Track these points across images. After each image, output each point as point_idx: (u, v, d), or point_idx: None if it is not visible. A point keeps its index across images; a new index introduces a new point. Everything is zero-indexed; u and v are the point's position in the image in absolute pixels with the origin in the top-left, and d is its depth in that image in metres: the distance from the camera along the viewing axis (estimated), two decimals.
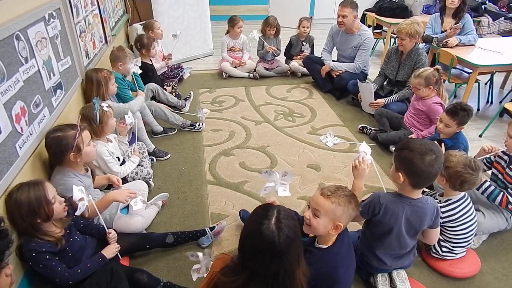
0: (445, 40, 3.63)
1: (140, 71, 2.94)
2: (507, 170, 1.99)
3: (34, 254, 1.39)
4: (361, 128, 3.22)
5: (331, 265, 1.38)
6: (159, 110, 3.03)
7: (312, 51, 4.42)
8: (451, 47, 3.58)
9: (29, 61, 1.67)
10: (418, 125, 2.82)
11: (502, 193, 1.93)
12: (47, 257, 1.41)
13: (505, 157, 2.04)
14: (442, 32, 3.87)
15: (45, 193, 1.40)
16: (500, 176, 2.03)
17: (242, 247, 1.11)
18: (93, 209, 1.66)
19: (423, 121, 2.79)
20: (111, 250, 1.65)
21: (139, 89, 2.96)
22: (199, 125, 3.15)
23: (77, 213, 1.54)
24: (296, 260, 1.09)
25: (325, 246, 1.43)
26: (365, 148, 1.74)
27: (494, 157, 2.10)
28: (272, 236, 1.03)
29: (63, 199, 1.49)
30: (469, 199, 1.85)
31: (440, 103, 2.67)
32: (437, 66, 2.67)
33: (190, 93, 3.67)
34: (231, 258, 1.19)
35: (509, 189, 1.94)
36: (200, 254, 1.54)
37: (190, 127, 3.14)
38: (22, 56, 1.61)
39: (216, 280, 1.14)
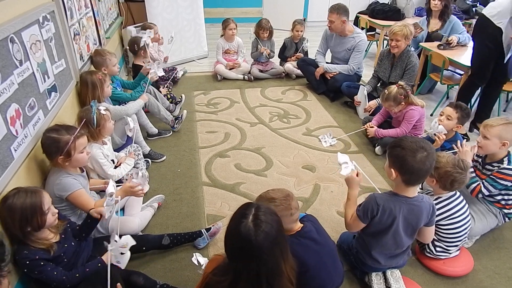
0: (449, 39, 3.66)
1: (150, 43, 3.11)
2: (484, 171, 2.07)
3: (27, 262, 1.37)
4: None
5: (297, 248, 1.40)
6: (153, 102, 3.02)
7: (306, 53, 4.46)
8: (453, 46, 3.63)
9: (23, 64, 1.66)
10: None
11: (478, 183, 2.01)
12: (42, 263, 1.40)
13: (480, 160, 2.13)
14: (428, 33, 3.95)
15: (41, 202, 1.38)
16: (477, 178, 2.08)
17: (225, 248, 1.12)
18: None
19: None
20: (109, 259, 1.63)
21: (140, 92, 2.89)
22: (180, 117, 3.17)
23: (105, 207, 1.55)
24: (279, 255, 1.08)
25: (291, 233, 1.51)
26: (343, 158, 1.75)
27: (473, 161, 2.15)
28: (249, 234, 1.03)
29: (56, 211, 1.46)
30: (461, 198, 1.88)
31: (413, 109, 2.70)
32: (400, 82, 2.72)
33: (181, 96, 3.61)
34: (223, 259, 1.19)
35: (484, 180, 2.01)
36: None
37: (176, 121, 3.15)
38: (16, 59, 1.60)
39: (208, 280, 1.15)
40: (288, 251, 1.13)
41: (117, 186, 2.04)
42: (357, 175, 1.73)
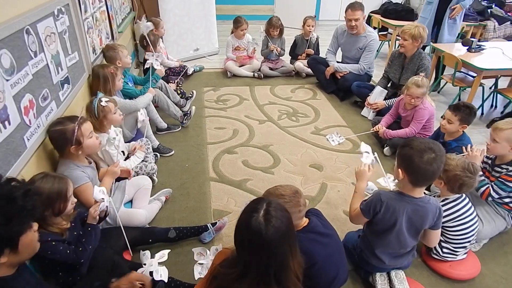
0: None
1: (159, 67, 3.05)
2: (493, 173, 2.06)
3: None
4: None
5: (305, 243, 1.41)
6: (163, 98, 3.05)
7: (317, 51, 4.44)
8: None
9: (38, 55, 1.69)
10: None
11: (487, 186, 1.99)
12: (53, 243, 1.42)
13: (489, 161, 2.11)
14: None
15: (67, 189, 1.43)
16: (487, 180, 2.06)
17: (235, 240, 1.14)
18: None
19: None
20: (91, 215, 1.58)
21: (151, 87, 2.92)
22: (189, 113, 3.20)
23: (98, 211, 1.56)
24: (288, 251, 1.09)
25: (298, 229, 1.51)
26: (365, 148, 1.80)
27: (482, 163, 2.12)
28: (259, 228, 1.04)
29: (75, 200, 1.51)
30: (467, 199, 1.87)
31: (422, 108, 2.68)
32: (422, 74, 2.71)
33: (192, 92, 3.61)
34: (231, 252, 1.21)
35: (493, 183, 1.99)
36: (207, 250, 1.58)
37: (184, 116, 3.17)
38: (31, 50, 1.63)
39: (216, 272, 1.16)
40: (297, 249, 1.15)
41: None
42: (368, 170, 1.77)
